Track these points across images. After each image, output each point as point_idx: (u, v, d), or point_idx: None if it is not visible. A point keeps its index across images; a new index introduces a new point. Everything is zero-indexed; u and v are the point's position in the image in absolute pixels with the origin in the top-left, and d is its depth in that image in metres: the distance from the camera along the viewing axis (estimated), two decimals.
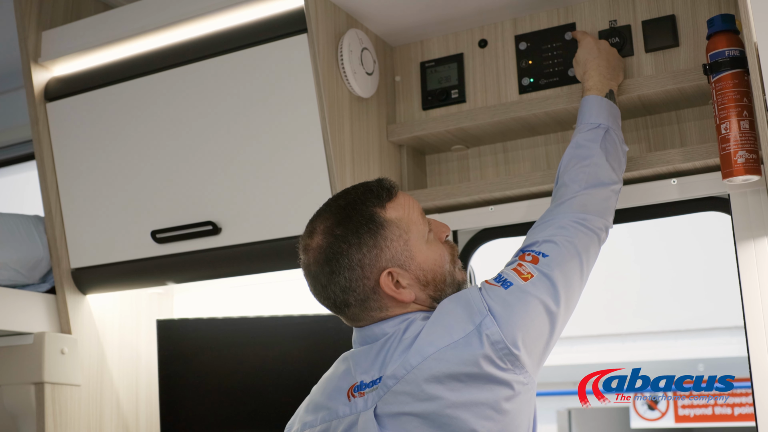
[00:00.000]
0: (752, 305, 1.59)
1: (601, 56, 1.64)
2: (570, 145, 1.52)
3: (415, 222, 1.28)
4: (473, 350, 1.15)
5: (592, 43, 1.67)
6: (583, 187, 1.42)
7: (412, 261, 1.25)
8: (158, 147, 2.01)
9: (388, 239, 1.24)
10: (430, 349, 1.17)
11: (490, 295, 1.21)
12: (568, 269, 1.28)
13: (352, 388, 1.23)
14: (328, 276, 1.24)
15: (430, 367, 1.15)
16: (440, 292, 1.28)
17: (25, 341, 2.04)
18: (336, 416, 1.23)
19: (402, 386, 1.16)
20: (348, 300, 1.24)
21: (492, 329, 1.16)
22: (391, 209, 1.26)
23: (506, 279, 1.24)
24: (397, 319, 1.25)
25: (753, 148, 1.47)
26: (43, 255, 2.14)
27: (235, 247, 1.90)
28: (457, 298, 1.24)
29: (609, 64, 1.64)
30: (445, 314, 1.21)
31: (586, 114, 1.55)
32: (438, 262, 1.28)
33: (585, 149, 1.49)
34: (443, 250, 1.30)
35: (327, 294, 1.26)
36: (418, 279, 1.26)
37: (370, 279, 1.23)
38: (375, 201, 1.26)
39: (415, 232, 1.27)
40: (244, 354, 2.12)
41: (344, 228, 1.24)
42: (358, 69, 1.83)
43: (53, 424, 2.01)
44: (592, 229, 1.37)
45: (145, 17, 2.02)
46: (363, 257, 1.22)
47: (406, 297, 1.24)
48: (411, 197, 1.32)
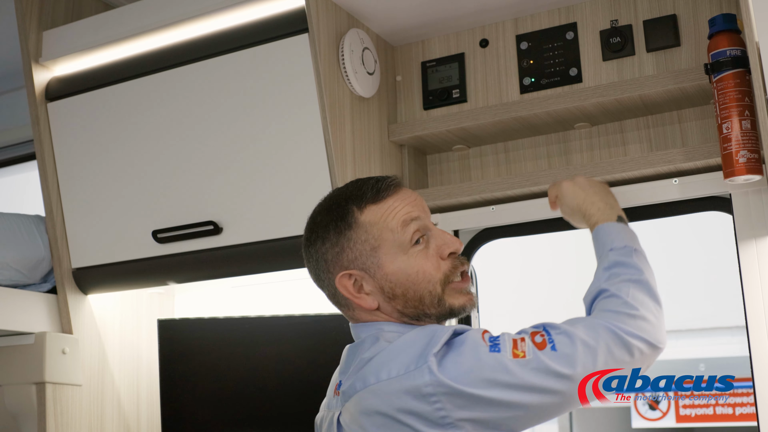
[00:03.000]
0: (754, 305, 1.59)
1: (588, 193, 1.36)
2: (603, 267, 1.25)
3: (392, 229, 1.18)
4: (399, 395, 1.07)
5: (570, 186, 1.38)
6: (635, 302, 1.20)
7: (378, 269, 1.18)
8: (159, 147, 2.00)
9: (351, 241, 1.18)
10: (371, 378, 1.11)
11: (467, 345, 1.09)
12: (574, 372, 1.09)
13: (337, 384, 1.24)
14: (306, 262, 1.25)
15: (365, 398, 1.11)
16: (415, 309, 1.19)
17: (26, 341, 2.03)
18: (328, 407, 1.27)
19: (349, 404, 1.14)
20: (322, 289, 1.25)
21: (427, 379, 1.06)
22: (370, 212, 1.19)
23: (498, 344, 1.09)
24: (370, 326, 1.21)
25: (755, 148, 1.48)
26: (44, 255, 2.13)
27: (237, 247, 1.90)
28: (429, 330, 1.12)
29: (600, 197, 1.36)
30: (405, 344, 1.12)
31: (606, 242, 1.29)
32: (412, 278, 1.17)
33: (624, 267, 1.25)
34: (431, 267, 1.19)
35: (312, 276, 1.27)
36: (382, 289, 1.18)
37: (333, 274, 1.21)
38: (357, 200, 1.21)
39: (390, 240, 1.18)
40: (245, 354, 2.12)
41: (322, 218, 1.23)
42: (359, 69, 1.83)
43: (54, 424, 2.01)
44: (627, 345, 1.16)
45: (146, 17, 2.02)
46: (326, 252, 1.21)
47: (365, 303, 1.19)
48: (410, 202, 1.21)
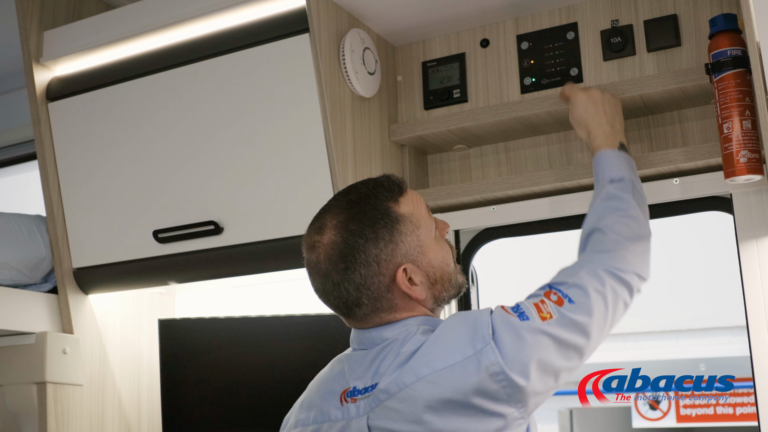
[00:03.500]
0: (754, 305, 1.59)
1: (598, 110, 1.55)
2: (600, 197, 1.43)
3: (425, 217, 1.27)
4: (467, 379, 1.11)
5: (584, 98, 1.58)
6: (623, 239, 1.34)
7: (424, 257, 1.24)
8: (160, 146, 2.01)
9: (403, 234, 1.22)
10: (425, 369, 1.13)
11: (501, 323, 1.15)
12: (592, 320, 1.21)
13: (345, 392, 1.21)
14: (342, 273, 1.21)
15: (422, 388, 1.12)
16: (445, 291, 1.28)
17: (27, 341, 2.03)
18: (327, 419, 1.22)
19: (393, 403, 1.14)
20: (361, 299, 1.21)
21: (492, 359, 1.11)
22: (404, 204, 1.25)
23: (523, 311, 1.17)
24: (398, 324, 1.23)
25: (755, 148, 1.48)
26: (45, 255, 2.14)
27: (237, 247, 1.90)
28: (465, 317, 1.20)
29: (608, 118, 1.55)
30: (448, 332, 1.17)
31: (606, 170, 1.47)
32: (445, 259, 1.28)
33: (618, 201, 1.41)
34: (448, 249, 1.30)
35: (339, 292, 1.22)
36: (428, 276, 1.24)
37: (386, 276, 1.21)
38: (388, 195, 1.25)
39: (425, 228, 1.26)
40: (245, 354, 2.12)
41: (359, 222, 1.21)
42: (360, 69, 1.83)
43: (55, 424, 2.01)
44: (626, 282, 1.29)
45: (147, 17, 2.02)
46: (380, 252, 1.20)
47: (418, 294, 1.23)
48: (417, 193, 1.31)
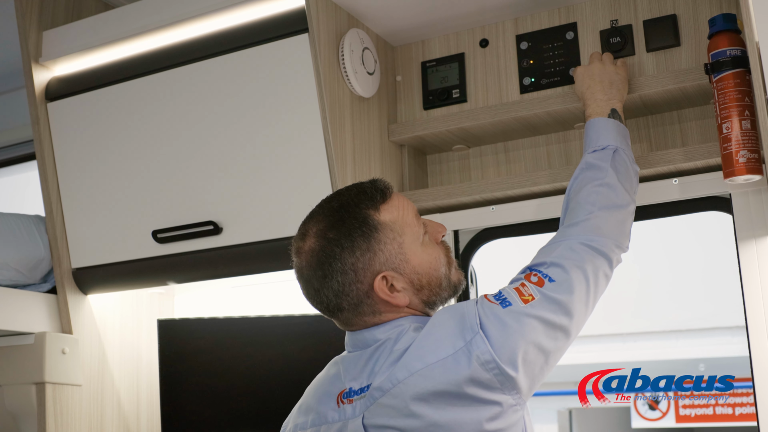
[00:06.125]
0: (754, 305, 1.59)
1: (594, 80, 1.60)
2: (579, 167, 1.47)
3: (410, 224, 1.25)
4: (459, 370, 1.12)
5: (582, 71, 1.63)
6: (597, 209, 1.37)
7: (407, 264, 1.23)
8: (159, 147, 2.00)
9: (381, 242, 1.21)
10: (417, 364, 1.14)
11: (485, 313, 1.17)
12: (574, 297, 1.23)
13: (341, 394, 1.22)
14: (320, 280, 1.22)
15: (415, 383, 1.13)
16: (435, 296, 1.27)
17: (26, 341, 2.03)
18: (325, 421, 1.23)
19: (387, 399, 1.15)
20: (341, 304, 1.22)
21: (482, 348, 1.13)
22: (385, 211, 1.24)
23: (506, 298, 1.19)
24: (389, 325, 1.23)
25: (755, 148, 1.47)
26: (44, 255, 2.14)
27: (236, 247, 1.90)
28: (452, 310, 1.20)
29: (603, 86, 1.58)
30: (438, 327, 1.18)
31: (592, 138, 1.50)
32: (433, 265, 1.26)
33: (595, 170, 1.44)
34: (439, 253, 1.28)
35: (320, 298, 1.24)
36: (412, 283, 1.23)
37: (364, 283, 1.21)
38: (368, 203, 1.24)
39: (409, 234, 1.24)
40: (245, 354, 2.12)
41: (337, 231, 1.21)
42: (359, 69, 1.83)
43: (54, 424, 2.01)
44: (604, 253, 1.31)
45: (146, 17, 2.02)
46: (356, 261, 1.20)
47: (400, 301, 1.22)
48: (406, 198, 1.29)
